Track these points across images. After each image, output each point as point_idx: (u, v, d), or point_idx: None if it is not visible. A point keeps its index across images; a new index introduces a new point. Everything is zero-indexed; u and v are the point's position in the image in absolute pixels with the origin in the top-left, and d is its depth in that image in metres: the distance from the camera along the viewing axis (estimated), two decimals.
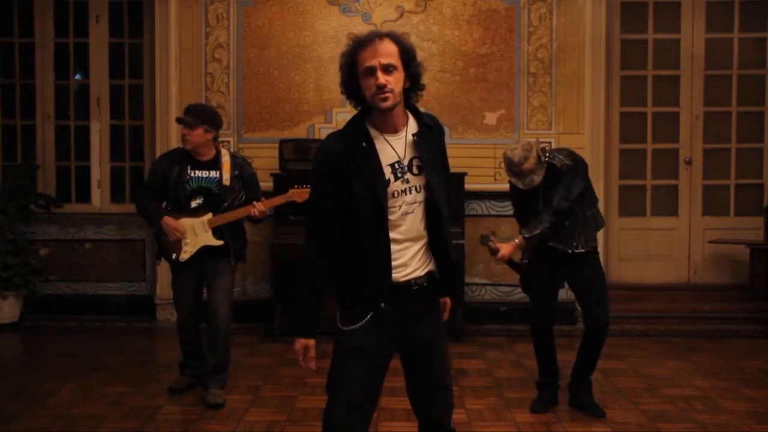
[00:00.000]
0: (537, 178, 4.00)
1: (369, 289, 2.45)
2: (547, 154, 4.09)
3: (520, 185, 4.05)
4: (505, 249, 4.09)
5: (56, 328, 6.52)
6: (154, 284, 6.71)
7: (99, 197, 7.03)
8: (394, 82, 2.40)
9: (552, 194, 4.03)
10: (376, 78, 2.38)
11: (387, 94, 2.39)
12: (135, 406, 4.39)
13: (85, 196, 7.05)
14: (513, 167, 4.01)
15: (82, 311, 6.77)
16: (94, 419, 4.16)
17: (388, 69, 2.39)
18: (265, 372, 5.12)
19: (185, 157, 4.46)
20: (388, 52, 2.40)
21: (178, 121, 4.46)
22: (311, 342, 2.51)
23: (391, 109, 2.43)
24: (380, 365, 2.55)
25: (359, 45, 2.43)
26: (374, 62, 2.38)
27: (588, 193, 4.19)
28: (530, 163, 3.97)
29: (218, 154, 4.48)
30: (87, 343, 6.01)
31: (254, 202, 4.40)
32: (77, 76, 7.12)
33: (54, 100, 7.05)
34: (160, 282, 6.55)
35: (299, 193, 4.39)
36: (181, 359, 4.76)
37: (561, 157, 4.09)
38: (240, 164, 4.54)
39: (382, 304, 2.44)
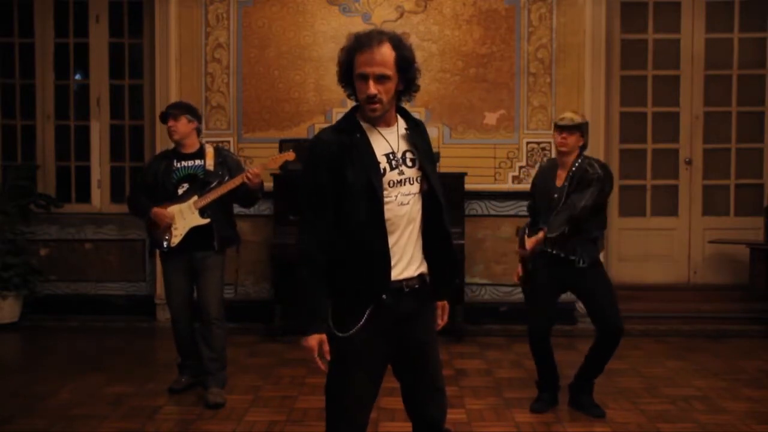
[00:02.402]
0: (572, 139, 4.17)
1: (369, 280, 2.43)
2: (588, 161, 4.23)
3: (561, 123, 4.18)
4: (529, 244, 4.10)
5: (56, 328, 6.52)
6: (154, 284, 6.71)
7: (99, 197, 7.04)
8: (385, 91, 2.42)
9: (577, 198, 4.06)
10: (368, 86, 2.40)
11: (375, 105, 2.42)
12: (135, 406, 4.39)
13: (85, 196, 7.06)
14: (559, 120, 4.19)
15: (82, 311, 6.78)
16: (94, 419, 4.16)
17: (380, 79, 2.41)
18: (265, 372, 5.12)
19: (172, 153, 4.64)
20: (383, 60, 2.40)
21: (162, 116, 4.58)
22: (324, 336, 2.44)
23: (378, 118, 2.47)
24: (377, 370, 2.55)
25: (358, 46, 2.43)
26: (368, 70, 2.40)
27: (602, 213, 4.24)
28: (577, 120, 4.16)
29: (202, 146, 4.63)
30: (87, 343, 6.01)
31: (247, 167, 4.52)
32: (77, 76, 7.12)
33: (54, 100, 7.05)
34: (160, 282, 6.54)
35: (274, 160, 4.57)
36: (179, 360, 4.76)
37: (596, 165, 4.19)
38: (224, 154, 4.68)
39: (384, 296, 2.43)
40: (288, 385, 4.81)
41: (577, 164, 4.17)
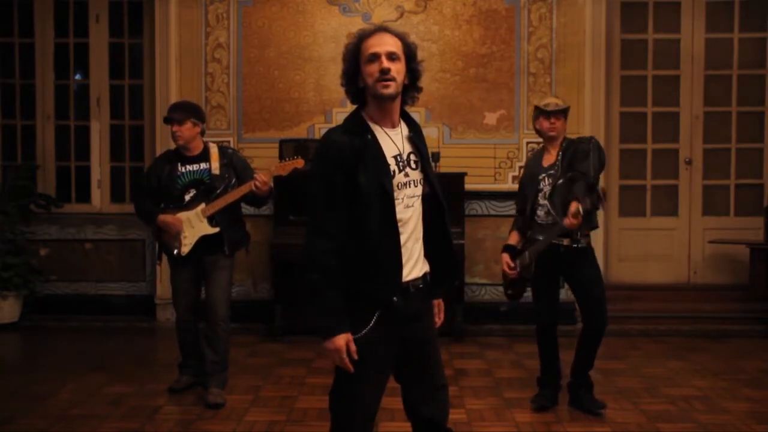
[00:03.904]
0: (560, 123, 4.20)
1: (380, 283, 2.41)
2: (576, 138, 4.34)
3: (549, 109, 4.16)
4: (573, 211, 3.93)
5: (56, 328, 6.52)
6: (154, 284, 6.71)
7: (99, 197, 7.04)
8: (396, 71, 2.42)
9: (584, 167, 4.06)
10: (380, 63, 2.40)
11: (389, 82, 2.41)
12: (135, 406, 4.39)
13: (85, 196, 7.06)
14: (545, 106, 4.17)
15: (82, 311, 6.78)
16: (94, 419, 4.16)
17: (392, 57, 2.42)
18: (265, 372, 5.12)
19: (175, 156, 4.55)
20: (393, 42, 2.45)
21: (166, 120, 4.47)
22: (351, 335, 2.40)
23: (392, 97, 2.44)
24: (385, 372, 2.55)
25: (365, 35, 2.46)
26: (379, 49, 2.42)
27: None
28: (561, 104, 4.19)
29: (206, 148, 4.53)
30: (87, 343, 6.01)
31: (255, 174, 4.41)
32: (77, 76, 7.13)
33: (54, 100, 7.05)
34: (160, 282, 6.56)
35: (283, 167, 4.44)
36: (180, 360, 4.76)
37: (588, 137, 4.32)
38: (229, 154, 4.58)
39: (395, 298, 2.42)
40: (288, 385, 4.81)
41: (564, 144, 4.21)
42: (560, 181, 4.12)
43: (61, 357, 5.61)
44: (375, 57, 2.41)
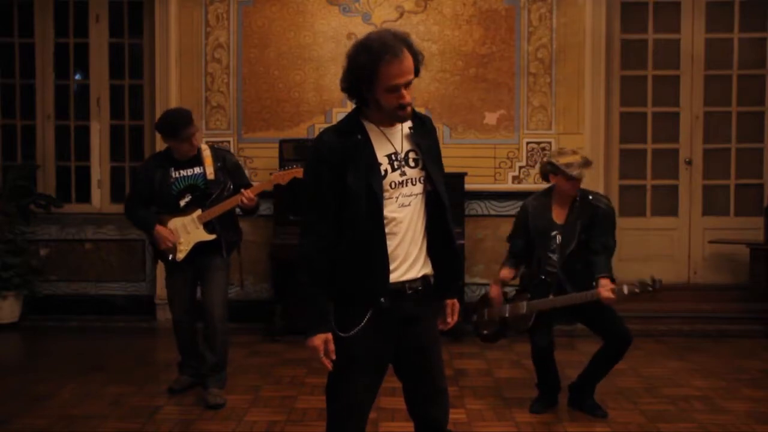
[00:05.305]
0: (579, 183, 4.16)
1: (368, 283, 2.43)
2: (590, 196, 4.24)
3: (573, 173, 4.07)
4: (612, 291, 3.97)
5: (56, 328, 6.52)
6: (154, 284, 6.71)
7: (99, 197, 7.04)
8: (410, 94, 2.46)
9: (608, 240, 4.12)
10: (401, 96, 2.41)
11: (408, 109, 2.46)
12: (135, 406, 4.39)
13: (85, 196, 7.06)
14: (569, 169, 4.07)
15: (82, 311, 6.78)
16: (94, 419, 4.16)
17: (408, 85, 2.43)
18: (265, 372, 5.12)
19: (167, 159, 4.47)
20: (409, 68, 2.42)
21: (186, 137, 4.30)
22: (329, 335, 2.45)
23: (408, 119, 2.49)
24: (378, 371, 2.55)
25: (384, 56, 2.37)
26: (400, 80, 2.40)
27: None
28: (586, 170, 4.12)
29: (199, 150, 4.45)
30: (87, 343, 6.01)
31: (242, 190, 4.36)
32: (77, 76, 7.13)
33: (54, 100, 7.05)
34: (160, 282, 6.54)
35: (282, 176, 4.37)
36: (180, 359, 4.76)
37: (601, 199, 4.26)
38: (222, 156, 4.52)
39: (382, 299, 2.42)
40: (288, 385, 4.81)
41: (577, 201, 4.19)
42: (572, 246, 4.11)
43: (61, 357, 5.61)
44: (395, 89, 2.40)
